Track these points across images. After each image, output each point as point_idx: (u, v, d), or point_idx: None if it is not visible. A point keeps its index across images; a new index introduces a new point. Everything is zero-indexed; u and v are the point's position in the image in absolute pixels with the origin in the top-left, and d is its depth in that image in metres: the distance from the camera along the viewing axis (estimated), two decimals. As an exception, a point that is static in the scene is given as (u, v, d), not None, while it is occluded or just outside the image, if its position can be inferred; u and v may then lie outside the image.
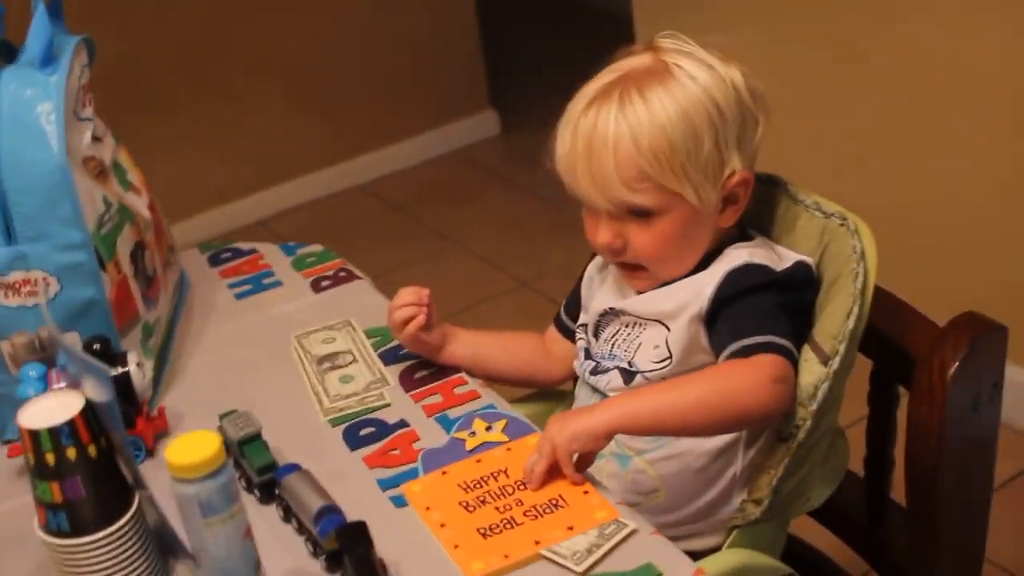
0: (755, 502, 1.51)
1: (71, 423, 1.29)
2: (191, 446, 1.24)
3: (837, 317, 1.50)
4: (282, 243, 2.12)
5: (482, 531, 1.40)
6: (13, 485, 1.61)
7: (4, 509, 1.57)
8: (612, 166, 1.48)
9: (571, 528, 1.38)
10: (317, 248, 2.09)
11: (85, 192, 1.60)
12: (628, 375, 1.58)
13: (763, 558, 1.54)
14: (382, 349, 1.77)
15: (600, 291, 1.67)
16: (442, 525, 1.42)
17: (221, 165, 4.14)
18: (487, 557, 1.36)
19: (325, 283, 1.98)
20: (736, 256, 1.54)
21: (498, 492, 1.45)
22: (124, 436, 1.26)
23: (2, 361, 1.64)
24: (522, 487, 1.45)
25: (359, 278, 1.98)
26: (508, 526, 1.40)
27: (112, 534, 1.33)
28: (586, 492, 1.43)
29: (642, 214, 1.51)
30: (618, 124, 1.48)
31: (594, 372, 1.62)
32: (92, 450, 1.31)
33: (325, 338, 1.81)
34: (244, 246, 2.12)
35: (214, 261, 2.09)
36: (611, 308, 1.63)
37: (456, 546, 1.39)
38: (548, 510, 1.41)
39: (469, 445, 1.55)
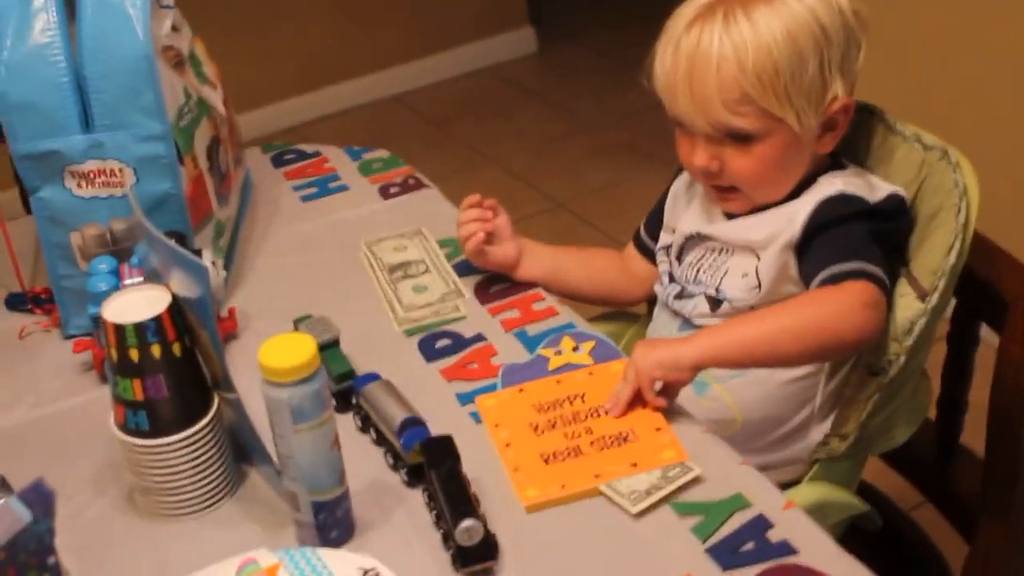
0: (841, 437, 1.48)
1: (158, 319, 1.26)
2: (285, 349, 1.20)
3: (936, 252, 1.46)
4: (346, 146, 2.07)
5: (545, 457, 1.36)
6: (79, 382, 1.57)
7: (70, 406, 1.53)
8: (715, 87, 1.44)
9: (635, 465, 1.34)
10: (384, 153, 2.04)
11: (167, 82, 1.55)
12: (715, 302, 1.54)
13: (844, 494, 1.51)
14: (456, 260, 1.73)
15: (687, 213, 1.63)
16: (507, 445, 1.39)
17: (254, 69, 4.07)
18: (544, 485, 1.33)
19: (394, 190, 1.93)
20: (830, 185, 1.50)
21: (570, 417, 1.42)
22: (216, 334, 1.22)
23: (69, 253, 1.59)
24: (595, 415, 1.41)
25: (428, 187, 1.94)
26: (572, 454, 1.36)
27: (192, 436, 1.31)
28: (658, 429, 1.39)
29: (741, 138, 1.47)
30: (722, 44, 1.43)
31: (678, 297, 1.59)
32: (177, 348, 1.28)
33: (396, 246, 1.76)
34: (308, 148, 2.07)
35: (277, 162, 2.04)
36: (698, 232, 1.59)
37: (516, 468, 1.35)
38: (616, 443, 1.37)
39: (552, 364, 1.51)
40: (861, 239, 1.45)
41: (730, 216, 1.57)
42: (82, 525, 1.34)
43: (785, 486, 1.45)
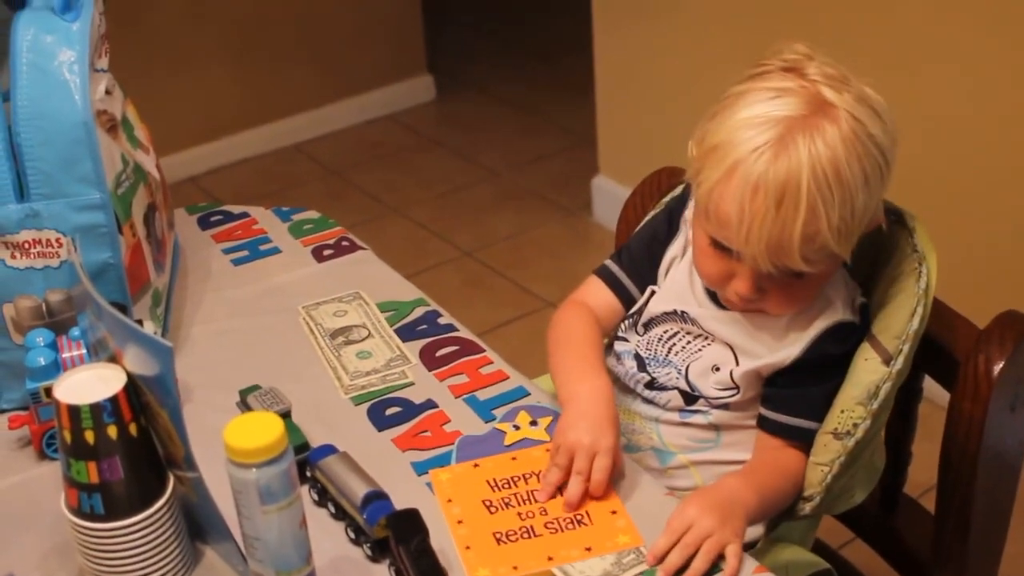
0: (805, 499, 1.48)
1: (114, 399, 1.22)
2: (251, 428, 1.17)
3: (899, 316, 1.46)
4: (275, 207, 2.03)
5: (498, 536, 1.34)
6: (16, 459, 1.51)
7: (8, 485, 1.47)
8: (797, 240, 1.34)
9: (589, 549, 1.32)
10: (314, 214, 2.00)
11: (104, 149, 1.50)
12: (690, 398, 1.52)
13: (806, 554, 1.51)
14: (397, 325, 1.70)
15: (669, 283, 1.57)
16: (460, 521, 1.36)
17: (152, 119, 3.98)
18: (495, 566, 1.30)
19: (328, 252, 1.89)
20: (833, 304, 1.47)
21: (525, 496, 1.39)
22: (179, 412, 1.17)
23: (1, 326, 1.54)
24: (551, 495, 1.40)
25: (362, 248, 1.90)
26: (525, 535, 1.34)
27: (149, 518, 1.26)
28: (614, 512, 1.37)
29: (797, 275, 1.40)
30: (810, 194, 1.32)
31: (650, 386, 1.55)
32: (133, 428, 1.24)
33: (336, 311, 1.73)
34: (234, 209, 2.02)
35: (203, 224, 1.99)
36: (684, 312, 1.53)
37: (468, 547, 1.33)
38: (570, 526, 1.35)
39: (508, 440, 1.48)
40: (822, 394, 1.47)
41: (716, 302, 1.52)
42: (32, 612, 1.29)
43: (745, 546, 1.44)
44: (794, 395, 1.47)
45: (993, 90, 2.49)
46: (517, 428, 1.50)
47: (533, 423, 1.51)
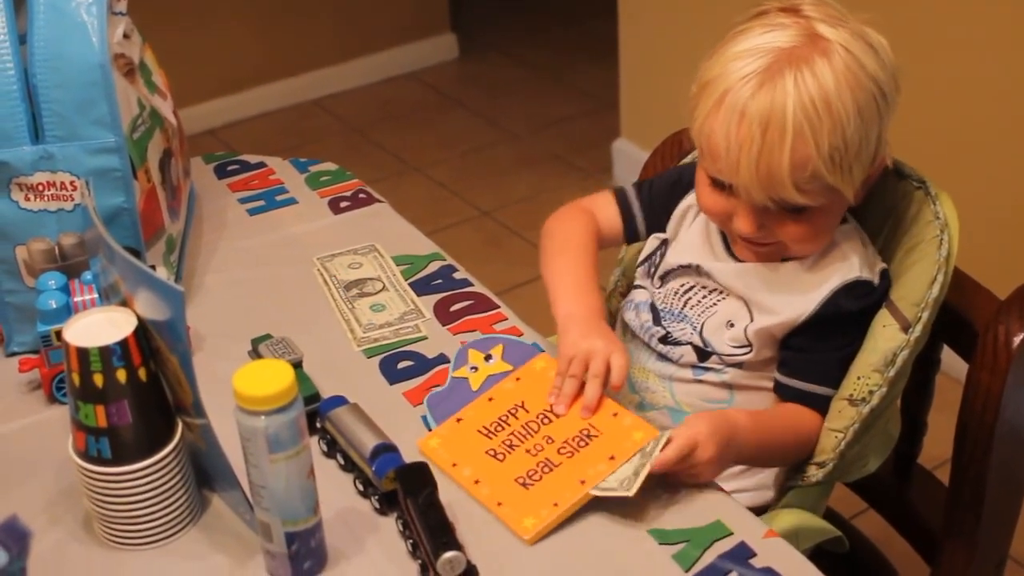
0: (818, 465, 1.46)
1: (123, 343, 1.21)
2: (261, 375, 1.15)
3: (919, 284, 1.45)
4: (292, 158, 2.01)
5: (521, 481, 1.32)
6: (25, 402, 1.50)
7: (17, 428, 1.47)
8: (786, 167, 1.35)
9: (613, 458, 1.30)
10: (331, 166, 1.98)
11: (121, 93, 1.49)
12: (703, 354, 1.51)
13: (817, 520, 1.50)
14: (412, 278, 1.68)
15: (687, 235, 1.57)
16: (476, 482, 1.34)
17: (171, 71, 3.97)
18: (536, 510, 1.28)
19: (344, 204, 1.87)
20: (849, 260, 1.46)
21: (523, 432, 1.37)
22: (188, 358, 1.17)
23: (14, 268, 1.53)
24: (546, 420, 1.38)
25: (379, 201, 1.89)
26: (546, 469, 1.32)
27: (156, 463, 1.26)
28: (615, 414, 1.35)
29: (796, 209, 1.40)
30: (796, 120, 1.33)
31: (664, 341, 1.54)
32: (143, 373, 1.23)
33: (351, 263, 1.71)
34: (251, 159, 2.01)
35: (220, 172, 1.97)
36: (697, 266, 1.52)
37: (499, 503, 1.30)
38: (583, 442, 1.34)
39: (475, 383, 1.47)
40: (838, 359, 1.46)
41: (734, 255, 1.52)
42: (37, 554, 1.24)
43: (755, 511, 1.43)
44: (810, 360, 1.46)
45: (1018, 55, 2.46)
46: (475, 369, 1.49)
47: (488, 358, 1.50)
